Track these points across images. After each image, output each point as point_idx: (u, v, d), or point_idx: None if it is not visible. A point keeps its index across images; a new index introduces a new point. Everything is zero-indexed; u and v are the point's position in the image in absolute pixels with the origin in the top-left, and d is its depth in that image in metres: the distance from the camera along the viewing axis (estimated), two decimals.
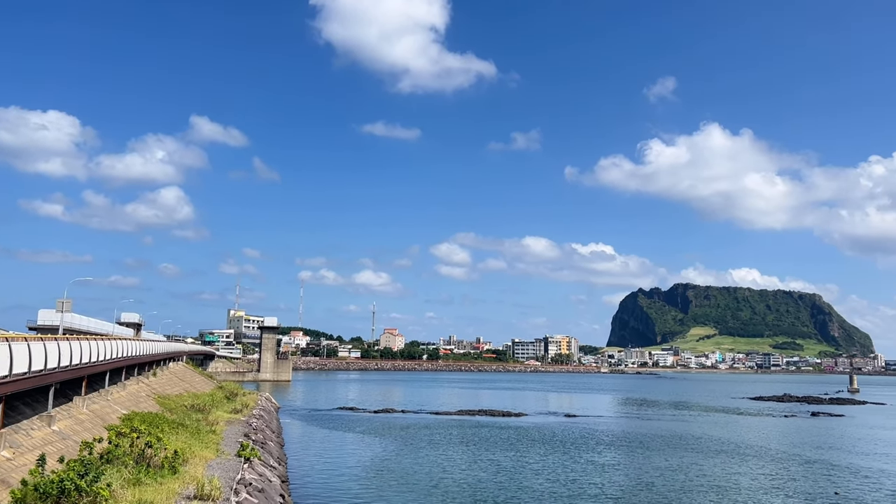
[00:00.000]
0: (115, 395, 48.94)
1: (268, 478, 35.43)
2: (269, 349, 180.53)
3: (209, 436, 42.92)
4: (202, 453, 35.74)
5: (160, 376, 76.50)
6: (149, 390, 61.73)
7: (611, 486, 43.74)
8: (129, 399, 51.10)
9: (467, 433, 70.71)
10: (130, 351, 54.90)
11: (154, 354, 73.07)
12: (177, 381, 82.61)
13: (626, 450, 61.24)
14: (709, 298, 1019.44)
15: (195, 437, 39.93)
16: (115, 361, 47.97)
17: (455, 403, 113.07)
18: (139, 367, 66.38)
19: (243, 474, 31.90)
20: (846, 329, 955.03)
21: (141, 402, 52.60)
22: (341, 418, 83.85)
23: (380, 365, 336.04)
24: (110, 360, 45.77)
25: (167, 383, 74.75)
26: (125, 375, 57.23)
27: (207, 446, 38.50)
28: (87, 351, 38.20)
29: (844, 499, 41.18)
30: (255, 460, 36.95)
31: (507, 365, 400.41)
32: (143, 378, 66.71)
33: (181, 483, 27.16)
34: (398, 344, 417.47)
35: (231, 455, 37.20)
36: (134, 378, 62.14)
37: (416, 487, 41.51)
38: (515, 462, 52.10)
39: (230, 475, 31.32)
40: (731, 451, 61.34)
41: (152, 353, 71.29)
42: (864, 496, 42.18)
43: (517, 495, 40.02)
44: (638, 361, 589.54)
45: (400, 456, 53.94)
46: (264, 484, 32.81)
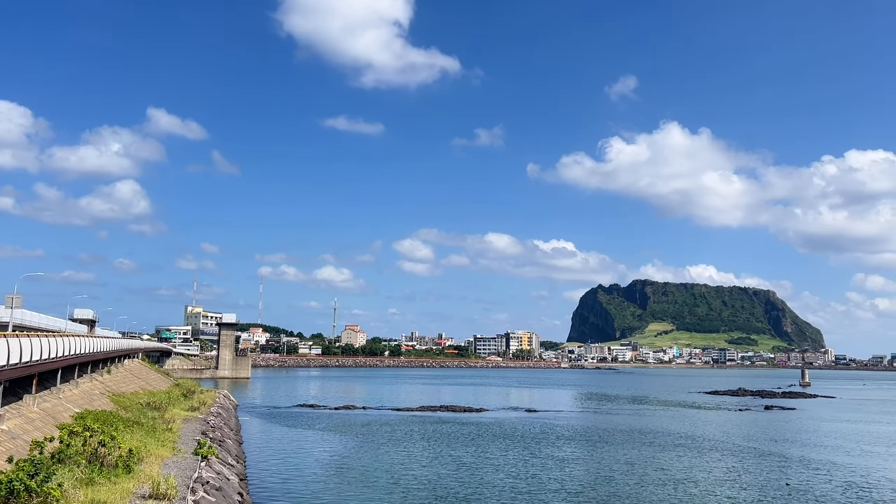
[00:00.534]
0: (68, 394, 47.73)
1: (226, 476, 34.93)
2: (227, 346, 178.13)
3: (165, 434, 42.14)
4: (158, 452, 35.07)
5: (115, 374, 74.87)
6: (103, 388, 60.35)
7: (570, 480, 44.18)
8: (83, 397, 49.89)
9: (428, 429, 70.73)
10: (84, 348, 53.57)
11: (108, 351, 71.45)
12: (132, 378, 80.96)
13: (586, 444, 61.92)
14: (667, 294, 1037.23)
15: (151, 436, 39.17)
16: (67, 359, 46.75)
17: (416, 400, 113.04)
18: (93, 365, 64.85)
19: (200, 473, 31.39)
20: (798, 324, 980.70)
21: (94, 400, 51.39)
22: (301, 415, 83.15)
23: (341, 362, 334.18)
24: (62, 357, 44.60)
25: (122, 381, 73.20)
26: (78, 373, 55.83)
27: (164, 445, 37.80)
28: (38, 348, 37.14)
29: (796, 490, 42.25)
30: (212, 458, 36.39)
31: (468, 361, 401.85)
32: (96, 376, 65.20)
33: (136, 482, 26.60)
34: (360, 340, 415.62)
35: (188, 453, 36.58)
36: (87, 376, 60.68)
37: (376, 484, 41.37)
38: (476, 458, 52.28)
39: (187, 474, 30.78)
40: (687, 445, 62.47)
41: (106, 350, 69.69)
42: (815, 487, 43.34)
43: (478, 491, 40.15)
44: (597, 356, 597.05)
45: (360, 453, 53.71)
46: (222, 482, 32.33)
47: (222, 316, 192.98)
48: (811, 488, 42.94)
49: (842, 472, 49.59)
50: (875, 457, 58.31)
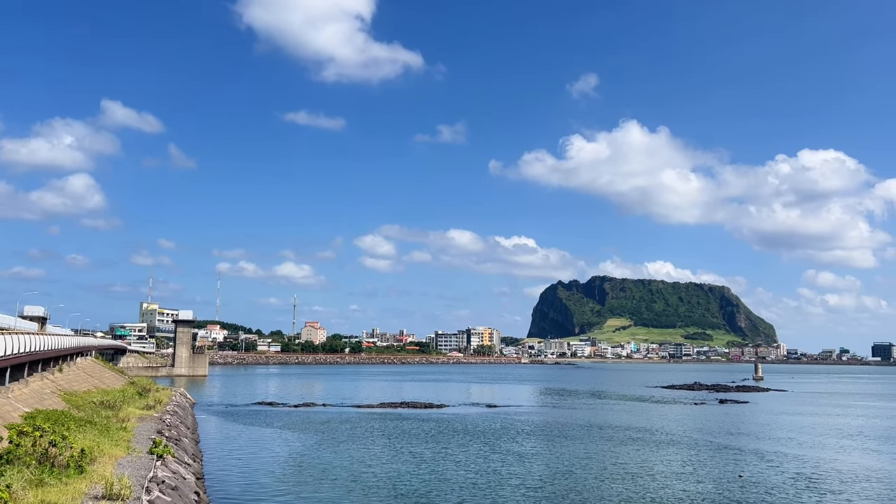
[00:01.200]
0: (17, 393, 46.38)
1: (182, 475, 34.34)
2: (184, 343, 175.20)
3: (119, 433, 41.23)
4: (112, 451, 34.30)
5: (67, 372, 73.01)
6: (54, 387, 58.79)
7: (530, 475, 44.52)
8: (33, 396, 48.52)
9: (389, 426, 70.58)
10: (34, 345, 52.11)
11: (60, 349, 69.65)
12: (85, 377, 79.05)
13: (546, 439, 62.47)
14: (625, 290, 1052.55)
15: (104, 435, 38.28)
16: (16, 357, 45.43)
17: (377, 396, 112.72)
18: (44, 363, 63.13)
19: (156, 472, 30.80)
20: (752, 320, 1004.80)
21: (45, 399, 50.03)
22: (260, 413, 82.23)
23: (301, 359, 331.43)
24: (11, 355, 43.32)
25: (74, 379, 71.42)
26: (28, 371, 54.30)
27: (117, 444, 36.98)
28: None
29: (748, 482, 43.26)
30: (168, 457, 35.74)
31: (430, 357, 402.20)
32: (47, 374, 63.49)
33: (88, 483, 25.98)
34: (320, 337, 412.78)
35: (143, 453, 35.86)
36: (38, 374, 59.05)
37: (336, 482, 41.13)
38: (437, 454, 52.33)
39: (142, 473, 30.18)
40: (645, 439, 63.48)
41: (58, 348, 67.93)
42: (767, 479, 44.42)
43: (438, 487, 40.20)
44: (557, 352, 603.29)
45: (320, 450, 53.33)
46: (178, 481, 31.77)
47: (179, 313, 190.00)
48: (763, 480, 44.00)
49: (793, 463, 50.91)
50: (825, 448, 60.00)
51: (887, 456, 56.34)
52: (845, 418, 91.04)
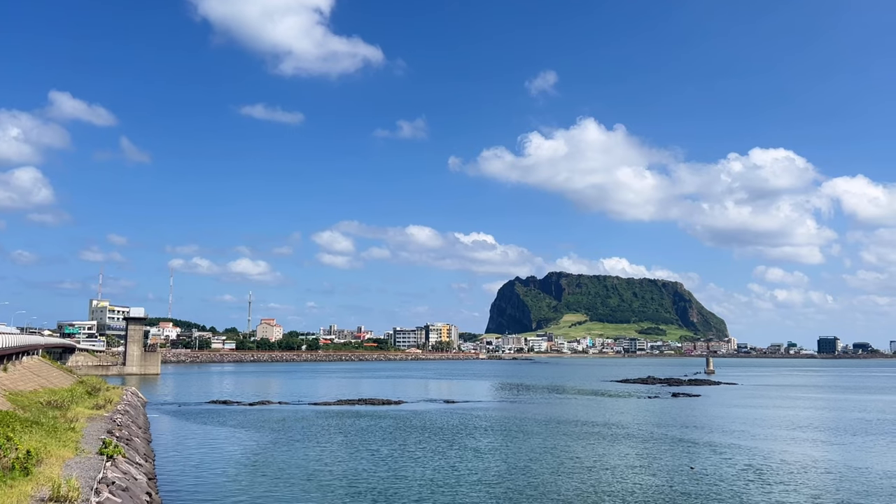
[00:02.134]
0: None
1: (133, 475, 33.60)
2: (135, 341, 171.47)
3: (68, 434, 40.13)
4: (59, 452, 33.36)
5: (12, 372, 70.74)
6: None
7: (488, 471, 44.73)
8: None
9: (346, 423, 70.20)
10: None
11: (4, 348, 67.47)
12: (31, 376, 76.73)
13: (504, 434, 62.87)
14: (581, 286, 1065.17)
15: (52, 436, 37.20)
16: None
17: (334, 393, 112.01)
18: None
19: (105, 473, 30.05)
20: (704, 315, 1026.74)
21: None
22: (214, 412, 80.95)
23: (256, 356, 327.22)
24: None
25: (20, 379, 69.25)
26: None
27: (66, 445, 35.99)
28: None
29: (699, 473, 44.21)
30: (118, 458, 34.93)
31: (388, 353, 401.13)
32: None
33: (34, 485, 25.22)
34: (276, 334, 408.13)
35: (92, 453, 34.97)
36: None
37: (291, 481, 40.72)
38: (394, 450, 52.22)
39: (91, 474, 29.41)
40: (601, 433, 64.37)
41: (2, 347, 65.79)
42: (717, 470, 45.45)
43: (396, 484, 40.12)
44: (514, 347, 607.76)
45: (275, 449, 52.74)
46: (129, 482, 31.07)
47: (130, 310, 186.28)
48: (714, 471, 45.02)
49: (743, 455, 52.20)
50: (775, 440, 61.66)
51: (834, 447, 58.18)
52: (793, 410, 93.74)
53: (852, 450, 55.76)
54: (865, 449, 56.36)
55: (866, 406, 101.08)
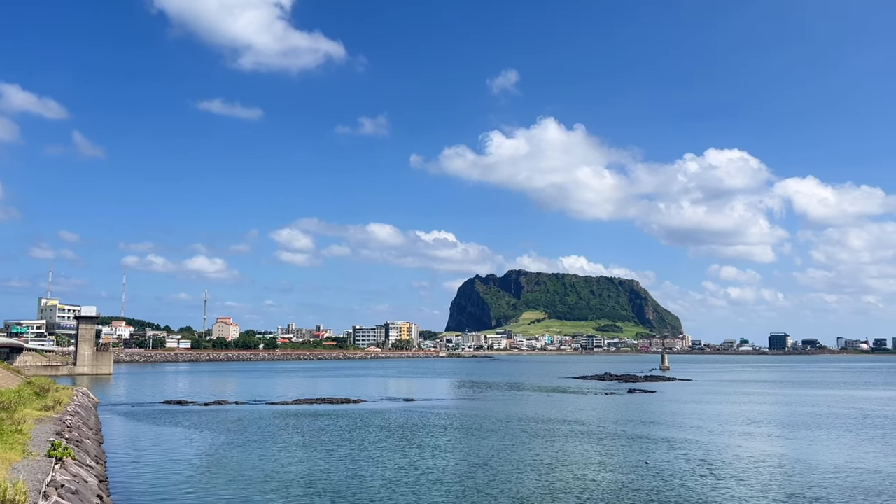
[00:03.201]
0: None
1: (83, 478, 32.73)
2: (86, 341, 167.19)
3: (14, 436, 38.86)
4: (6, 455, 32.28)
5: None
6: None
7: (447, 469, 44.73)
8: None
9: (304, 423, 69.53)
10: None
11: None
12: None
13: (463, 432, 62.98)
14: (539, 284, 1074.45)
15: None
16: None
17: (292, 393, 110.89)
18: None
19: (54, 476, 29.18)
20: (660, 312, 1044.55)
21: None
22: (168, 413, 79.39)
23: (212, 356, 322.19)
24: None
25: None
26: None
27: (12, 447, 34.85)
28: None
29: (653, 468, 44.93)
30: (68, 460, 33.98)
31: (347, 352, 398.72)
32: None
33: None
34: (232, 333, 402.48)
35: (40, 456, 33.94)
36: None
37: (247, 482, 40.14)
38: (353, 450, 51.89)
39: (39, 477, 28.54)
40: (559, 429, 64.94)
41: None
42: (672, 465, 46.24)
43: (355, 484, 39.86)
44: (474, 345, 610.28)
45: (231, 449, 51.94)
46: (79, 485, 30.25)
47: (81, 309, 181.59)
48: (668, 466, 45.79)
49: (697, 450, 53.19)
50: (728, 435, 62.97)
51: (785, 441, 59.69)
52: (746, 406, 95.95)
53: (803, 444, 57.26)
54: (816, 443, 57.92)
55: (816, 401, 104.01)
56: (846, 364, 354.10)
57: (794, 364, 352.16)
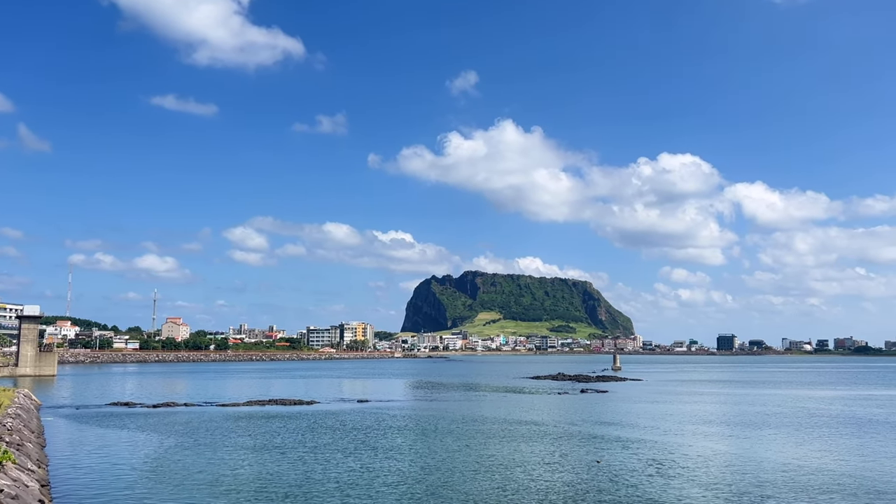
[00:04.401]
0: None
1: (24, 482, 31.63)
2: (29, 341, 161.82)
3: None
4: None
5: None
6: None
7: (401, 471, 44.51)
8: None
9: (255, 424, 68.50)
10: None
11: None
12: None
13: (418, 433, 62.81)
14: (495, 285, 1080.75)
15: None
16: None
17: (244, 394, 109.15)
18: None
19: None
20: (612, 313, 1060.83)
21: None
22: (114, 415, 77.36)
23: (161, 356, 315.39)
24: None
25: None
26: None
27: None
28: None
29: (604, 467, 45.50)
30: (8, 464, 32.80)
31: (301, 353, 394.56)
32: None
33: None
34: (183, 334, 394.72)
35: None
36: None
37: (195, 486, 39.31)
38: (306, 452, 51.29)
39: None
40: (513, 430, 65.28)
41: None
42: (623, 465, 46.89)
43: (306, 486, 39.38)
44: (430, 346, 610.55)
45: (179, 453, 50.82)
46: (19, 490, 29.20)
47: (24, 308, 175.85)
48: (618, 465, 46.42)
49: (647, 448, 54.02)
50: (677, 434, 64.11)
51: (733, 440, 61.05)
52: (695, 405, 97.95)
53: (751, 443, 58.61)
54: (764, 441, 59.33)
55: (763, 400, 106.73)
56: (791, 364, 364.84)
57: (742, 364, 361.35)
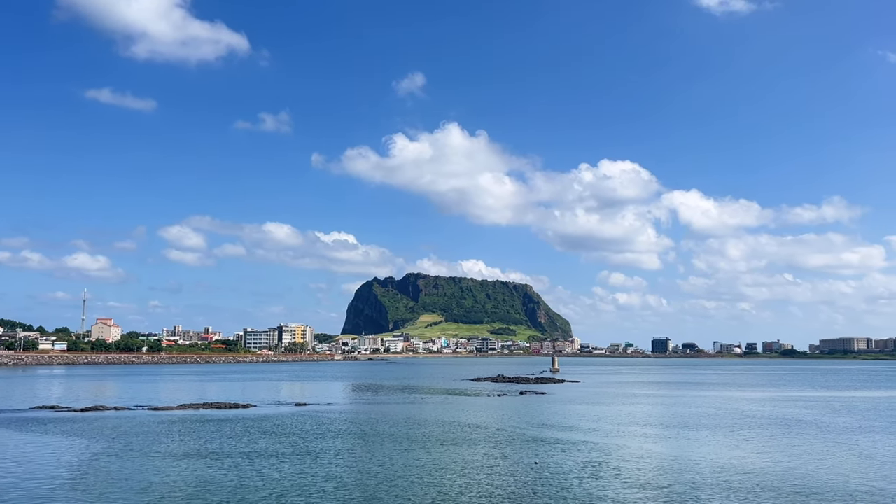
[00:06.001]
0: None
1: None
2: None
3: None
4: None
5: None
6: None
7: (340, 476, 43.84)
8: None
9: (189, 429, 66.49)
10: None
11: None
12: None
13: (358, 437, 62.02)
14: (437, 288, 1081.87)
15: None
16: None
17: (178, 398, 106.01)
18: None
19: None
20: (551, 316, 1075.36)
21: None
22: (38, 420, 73.96)
23: (91, 359, 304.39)
24: None
25: None
26: None
27: None
28: None
29: (542, 468, 45.78)
30: None
31: (237, 355, 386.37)
32: None
33: None
34: (113, 335, 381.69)
35: None
36: None
37: (123, 494, 37.78)
38: (242, 457, 49.99)
39: None
40: (453, 432, 65.11)
41: None
42: (559, 465, 47.27)
43: (241, 494, 38.31)
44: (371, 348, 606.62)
45: (106, 459, 48.85)
46: None
47: None
48: (555, 465, 46.79)
49: (583, 449, 54.64)
50: (613, 435, 65.12)
51: (668, 441, 62.34)
52: (631, 406, 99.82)
53: (685, 444, 59.91)
54: (697, 442, 60.70)
55: (698, 402, 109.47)
56: (722, 367, 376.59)
57: (675, 366, 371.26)
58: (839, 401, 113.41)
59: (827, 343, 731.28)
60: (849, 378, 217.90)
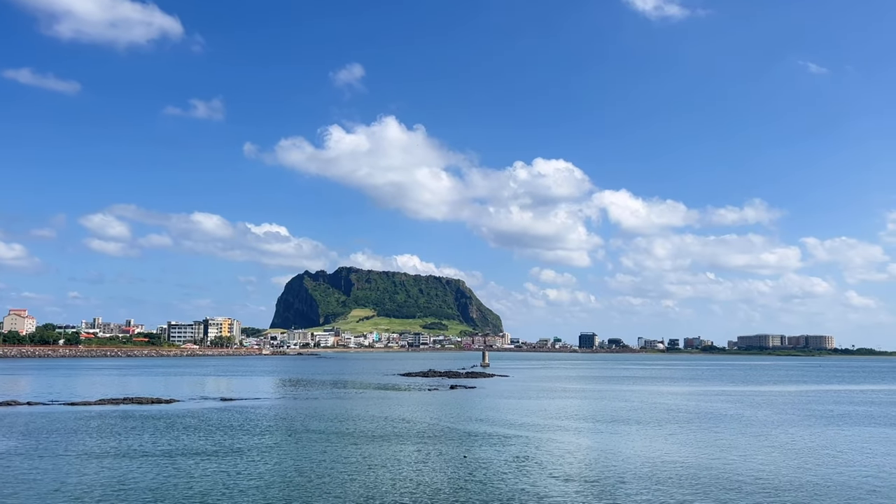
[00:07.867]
0: None
1: None
2: None
3: None
4: None
5: None
6: None
7: (266, 474, 42.92)
8: None
9: (108, 425, 63.89)
10: None
11: None
12: None
13: (285, 433, 60.86)
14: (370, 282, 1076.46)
15: None
16: None
17: (96, 392, 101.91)
18: None
19: None
20: (483, 311, 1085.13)
21: None
22: None
23: (3, 351, 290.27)
24: None
25: None
26: None
27: None
28: None
29: (471, 462, 45.90)
30: None
31: (161, 349, 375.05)
32: None
33: None
34: (28, 327, 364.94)
35: None
36: None
37: (35, 495, 35.95)
38: (164, 454, 48.29)
39: None
40: (382, 428, 64.67)
41: None
42: (489, 458, 47.48)
43: (161, 492, 36.96)
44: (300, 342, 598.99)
45: (16, 457, 46.40)
46: None
47: None
48: (484, 459, 47.00)
49: (512, 443, 55.11)
50: (541, 429, 65.90)
51: (595, 434, 63.51)
52: (559, 400, 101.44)
53: (612, 437, 61.11)
54: (624, 436, 61.99)
55: (624, 396, 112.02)
56: (646, 362, 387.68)
57: (602, 361, 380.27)
58: (759, 395, 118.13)
59: (744, 339, 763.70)
60: (766, 373, 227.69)
